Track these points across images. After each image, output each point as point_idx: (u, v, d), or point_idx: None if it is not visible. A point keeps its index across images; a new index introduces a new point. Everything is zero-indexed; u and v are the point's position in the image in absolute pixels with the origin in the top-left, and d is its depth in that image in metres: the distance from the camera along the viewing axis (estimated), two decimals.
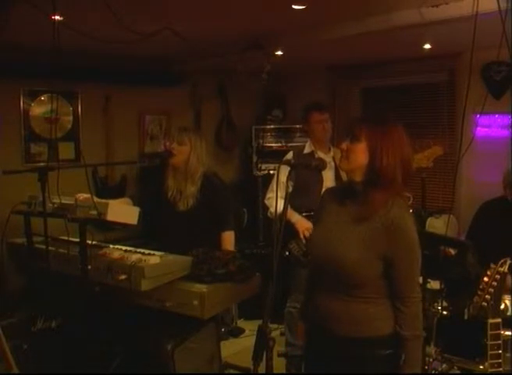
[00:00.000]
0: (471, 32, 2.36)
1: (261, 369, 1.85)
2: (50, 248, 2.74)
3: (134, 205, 3.14)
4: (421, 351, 1.94)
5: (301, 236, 3.25)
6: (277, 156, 5.04)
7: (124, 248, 2.94)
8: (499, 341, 1.98)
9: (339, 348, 1.94)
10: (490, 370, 1.99)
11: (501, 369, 1.98)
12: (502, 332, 2.00)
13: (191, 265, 2.76)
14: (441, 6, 2.87)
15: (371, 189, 1.86)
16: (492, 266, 2.02)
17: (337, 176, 3.39)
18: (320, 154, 3.48)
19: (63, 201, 2.74)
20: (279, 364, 3.37)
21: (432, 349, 2.97)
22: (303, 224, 3.28)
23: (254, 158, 5.51)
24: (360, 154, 1.85)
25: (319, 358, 2.05)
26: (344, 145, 1.91)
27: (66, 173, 2.67)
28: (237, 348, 4.10)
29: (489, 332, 1.98)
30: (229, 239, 3.24)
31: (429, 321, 3.05)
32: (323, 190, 3.34)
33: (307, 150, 3.58)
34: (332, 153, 3.56)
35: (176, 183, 3.24)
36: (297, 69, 5.40)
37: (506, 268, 2.00)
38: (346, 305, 1.91)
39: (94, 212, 2.65)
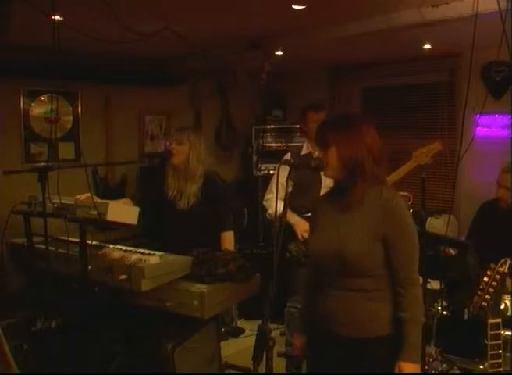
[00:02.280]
0: (471, 32, 2.36)
1: (261, 369, 1.85)
2: (50, 248, 2.74)
3: (134, 205, 3.15)
4: (421, 338, 1.95)
5: (300, 237, 3.25)
6: (277, 156, 5.03)
7: (124, 248, 2.93)
8: (499, 341, 1.98)
9: (341, 347, 1.96)
10: (490, 370, 1.99)
11: (501, 369, 1.98)
12: (502, 332, 2.00)
13: (191, 265, 2.76)
14: (441, 6, 2.87)
15: (350, 182, 1.95)
16: (492, 265, 2.02)
17: None
18: (318, 154, 3.45)
19: (63, 201, 2.74)
20: (279, 364, 3.37)
21: (432, 349, 2.97)
22: (301, 225, 3.27)
23: (254, 158, 5.50)
24: (333, 157, 1.96)
25: (321, 358, 2.06)
26: (320, 155, 2.03)
27: (66, 173, 2.66)
28: (237, 348, 4.10)
29: (489, 332, 1.98)
30: (228, 239, 3.24)
31: (429, 321, 3.05)
32: (322, 190, 3.37)
33: (304, 150, 3.56)
34: None
35: (176, 182, 3.25)
36: (297, 69, 5.40)
37: (506, 268, 2.00)
38: (347, 302, 1.93)
39: (94, 212, 2.64)
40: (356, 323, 1.93)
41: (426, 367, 2.92)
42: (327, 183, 3.39)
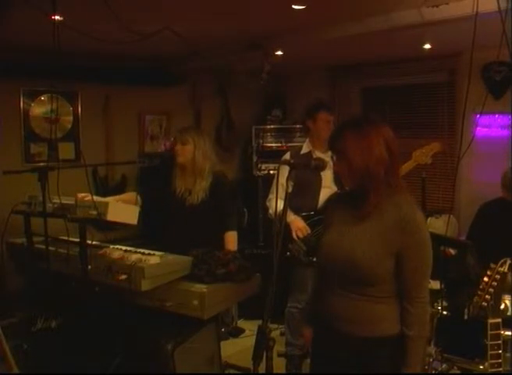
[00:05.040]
0: (471, 32, 2.36)
1: (261, 369, 1.85)
2: (50, 248, 2.74)
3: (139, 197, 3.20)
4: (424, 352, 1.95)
5: (294, 235, 3.25)
6: (277, 156, 5.03)
7: (124, 248, 2.93)
8: (499, 341, 1.98)
9: (349, 347, 1.95)
10: (490, 370, 1.99)
11: (501, 369, 1.98)
12: (502, 332, 2.00)
13: (191, 265, 2.76)
14: (441, 6, 2.87)
15: (362, 192, 1.91)
16: (492, 265, 2.02)
17: (336, 176, 3.38)
18: (318, 153, 3.44)
19: (63, 201, 2.74)
20: (279, 364, 3.38)
21: (432, 349, 2.96)
22: (296, 224, 3.27)
23: (254, 158, 5.50)
24: (344, 166, 1.92)
25: (327, 358, 2.04)
26: (336, 168, 1.98)
27: (66, 173, 2.66)
28: (237, 348, 4.10)
29: (489, 332, 1.98)
30: (232, 239, 3.25)
31: (429, 321, 3.04)
32: (322, 189, 3.37)
33: (304, 150, 3.55)
34: (330, 152, 3.55)
35: (184, 182, 3.29)
36: (297, 69, 5.41)
37: (506, 268, 2.00)
38: (357, 305, 1.92)
39: (94, 212, 2.65)
40: (361, 323, 1.92)
41: (426, 367, 2.92)
42: (327, 183, 3.40)
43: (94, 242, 2.78)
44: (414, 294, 1.89)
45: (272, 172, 5.28)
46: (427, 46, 3.94)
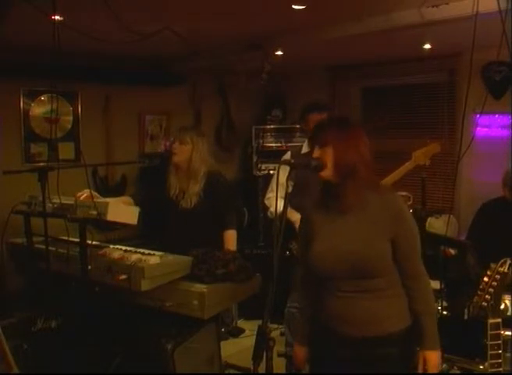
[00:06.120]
0: (471, 32, 2.36)
1: (261, 369, 1.85)
2: (50, 248, 2.74)
3: (135, 203, 3.16)
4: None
5: None
6: (277, 156, 5.04)
7: (124, 248, 2.93)
8: (499, 341, 1.98)
9: (351, 348, 1.95)
10: (490, 370, 1.99)
11: (501, 369, 1.98)
12: (502, 332, 2.00)
13: (191, 265, 2.76)
14: (441, 6, 2.87)
15: (342, 185, 1.96)
16: (492, 265, 2.03)
17: None
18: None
19: (63, 201, 2.74)
20: (279, 364, 3.37)
21: None
22: None
23: (254, 158, 5.50)
24: (329, 157, 1.95)
25: (328, 359, 2.04)
26: (317, 153, 1.99)
27: (66, 173, 2.66)
28: (237, 348, 4.09)
29: (489, 332, 1.99)
30: (231, 238, 3.25)
31: None
32: None
33: (304, 150, 3.55)
34: None
35: (178, 182, 3.27)
36: (297, 69, 5.40)
37: (506, 268, 2.00)
38: (358, 304, 1.93)
39: (94, 212, 2.65)
40: (364, 322, 1.93)
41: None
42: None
43: (94, 242, 2.77)
44: (414, 273, 1.97)
45: (272, 172, 5.28)
46: (427, 46, 3.94)
